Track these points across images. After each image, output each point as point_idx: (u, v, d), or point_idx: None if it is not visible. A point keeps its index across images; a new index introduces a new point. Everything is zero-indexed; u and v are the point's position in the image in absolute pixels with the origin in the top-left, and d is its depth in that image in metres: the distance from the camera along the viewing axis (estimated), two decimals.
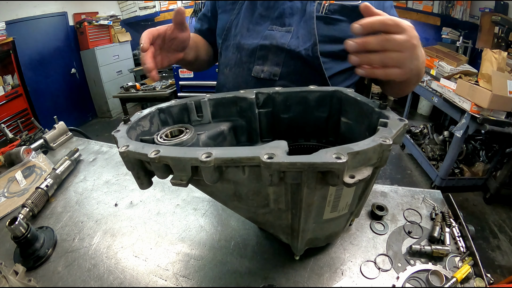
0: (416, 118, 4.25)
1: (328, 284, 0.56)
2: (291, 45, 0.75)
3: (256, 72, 0.79)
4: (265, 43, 0.78)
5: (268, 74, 0.78)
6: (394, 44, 0.47)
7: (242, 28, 0.83)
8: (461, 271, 0.53)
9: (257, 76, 0.79)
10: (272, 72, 0.77)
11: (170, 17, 4.97)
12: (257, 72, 0.79)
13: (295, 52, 0.75)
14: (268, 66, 0.78)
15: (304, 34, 0.76)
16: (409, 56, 0.49)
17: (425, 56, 0.59)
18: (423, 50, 0.56)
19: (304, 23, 0.76)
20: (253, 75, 0.79)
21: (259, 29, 0.81)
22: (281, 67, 0.77)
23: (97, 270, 0.62)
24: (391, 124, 0.43)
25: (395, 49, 0.48)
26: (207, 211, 0.77)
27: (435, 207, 0.70)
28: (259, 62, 0.79)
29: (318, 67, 0.75)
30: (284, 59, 0.77)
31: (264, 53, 0.78)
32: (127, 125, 0.52)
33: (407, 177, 2.97)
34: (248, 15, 0.83)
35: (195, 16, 4.16)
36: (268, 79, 0.78)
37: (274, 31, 0.78)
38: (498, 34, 3.19)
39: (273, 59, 0.77)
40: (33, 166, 0.99)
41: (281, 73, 0.77)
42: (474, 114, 2.15)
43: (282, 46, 0.76)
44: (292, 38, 0.76)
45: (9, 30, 3.48)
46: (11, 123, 3.22)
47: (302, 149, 0.68)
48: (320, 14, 0.75)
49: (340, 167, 0.33)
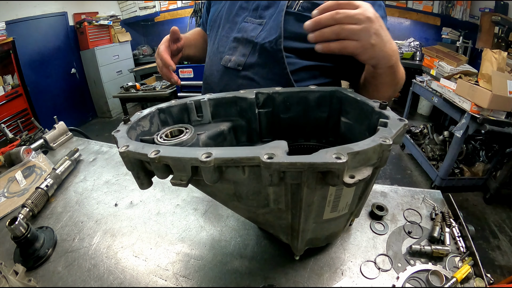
0: (416, 118, 4.25)
1: (328, 284, 0.56)
2: (259, 37, 0.77)
3: (224, 61, 0.82)
4: (237, 36, 0.81)
5: (234, 64, 0.80)
6: (346, 16, 0.49)
7: (225, 20, 0.87)
8: (461, 271, 0.53)
9: (225, 65, 0.82)
10: (237, 62, 0.80)
11: (170, 17, 4.95)
12: (225, 61, 0.82)
13: (260, 45, 0.77)
14: (236, 56, 0.81)
15: (272, 26, 0.76)
16: (365, 28, 0.50)
17: (395, 44, 0.60)
18: (389, 34, 0.57)
19: (275, 16, 0.77)
20: (222, 64, 0.83)
21: (237, 20, 0.84)
22: (246, 58, 0.79)
23: (97, 270, 0.62)
24: (391, 124, 0.43)
25: (348, 22, 0.49)
26: (207, 211, 0.77)
27: (435, 207, 0.70)
28: (230, 52, 0.82)
29: (280, 60, 0.75)
30: (251, 50, 0.79)
31: (235, 45, 0.82)
32: (127, 125, 0.52)
33: (407, 177, 2.96)
34: (231, 7, 0.87)
35: (195, 16, 4.16)
36: (233, 69, 0.81)
37: (248, 24, 0.81)
38: (498, 34, 3.19)
39: (241, 51, 0.80)
40: (33, 166, 0.99)
41: (245, 63, 0.79)
42: (474, 114, 2.15)
43: (251, 39, 0.78)
44: (262, 31, 0.78)
45: (9, 30, 3.48)
46: (11, 123, 3.22)
47: (302, 149, 0.68)
48: (293, 10, 0.75)
49: (340, 167, 0.33)
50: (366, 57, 0.56)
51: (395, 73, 0.66)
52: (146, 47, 5.62)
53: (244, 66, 0.79)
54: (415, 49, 4.07)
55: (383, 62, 0.60)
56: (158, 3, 5.11)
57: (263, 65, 0.78)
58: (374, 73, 0.66)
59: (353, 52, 0.53)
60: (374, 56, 0.56)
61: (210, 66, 0.90)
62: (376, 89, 0.72)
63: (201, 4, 3.97)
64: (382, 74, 0.65)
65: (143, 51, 5.55)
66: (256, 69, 0.79)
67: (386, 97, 0.74)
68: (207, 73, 0.91)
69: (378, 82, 0.69)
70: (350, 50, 0.52)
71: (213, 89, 0.86)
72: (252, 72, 0.79)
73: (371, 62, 0.60)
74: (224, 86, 0.82)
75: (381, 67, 0.61)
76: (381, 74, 0.65)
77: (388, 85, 0.70)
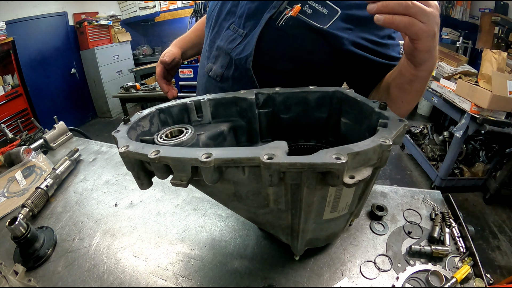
0: (416, 118, 4.25)
1: (328, 284, 0.56)
2: (234, 51, 0.74)
3: (207, 69, 0.83)
4: (219, 44, 0.80)
5: (214, 74, 0.81)
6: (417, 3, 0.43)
7: (214, 22, 0.85)
8: (460, 272, 0.53)
9: (207, 73, 0.83)
10: (216, 73, 0.80)
11: (170, 17, 4.95)
12: (208, 69, 0.83)
13: (233, 59, 0.75)
14: (216, 66, 0.81)
15: (248, 42, 0.72)
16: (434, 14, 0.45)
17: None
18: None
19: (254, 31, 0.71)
20: (205, 71, 0.84)
21: (224, 25, 0.81)
22: (224, 70, 0.79)
23: (97, 270, 0.62)
24: (391, 125, 0.43)
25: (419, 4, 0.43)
26: (207, 211, 0.77)
27: (435, 208, 0.71)
28: (212, 60, 0.83)
29: (250, 79, 0.74)
30: (228, 63, 0.78)
31: (217, 53, 0.81)
32: (127, 125, 0.52)
33: (407, 178, 2.97)
34: (221, 8, 0.84)
35: (195, 16, 4.16)
36: (213, 78, 0.81)
37: (230, 32, 0.78)
38: (498, 34, 3.19)
39: (221, 61, 0.80)
40: (33, 166, 0.99)
41: (223, 75, 0.79)
42: (474, 115, 2.15)
43: (227, 51, 0.77)
44: (239, 44, 0.74)
45: (9, 30, 3.48)
46: (11, 123, 3.22)
47: (302, 150, 0.68)
48: (276, 25, 0.68)
49: (340, 167, 0.33)
50: (424, 46, 0.49)
51: (427, 81, 0.61)
52: (146, 47, 5.62)
53: (222, 78, 0.79)
54: None
55: (432, 62, 0.54)
56: (158, 3, 5.11)
57: (237, 79, 0.77)
58: (413, 75, 0.58)
59: (418, 33, 0.46)
60: (430, 49, 0.50)
61: (200, 68, 0.90)
62: (406, 98, 0.65)
63: (201, 4, 3.97)
64: (421, 78, 0.59)
65: (143, 51, 5.56)
66: (231, 83, 0.78)
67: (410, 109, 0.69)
68: (199, 73, 0.92)
69: (413, 89, 0.62)
70: (415, 30, 0.45)
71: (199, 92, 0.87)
72: (227, 85, 0.79)
73: (423, 56, 0.52)
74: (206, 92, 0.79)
75: (426, 68, 0.55)
76: (421, 78, 0.58)
77: (419, 94, 0.64)
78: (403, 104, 0.66)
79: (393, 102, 0.65)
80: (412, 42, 0.49)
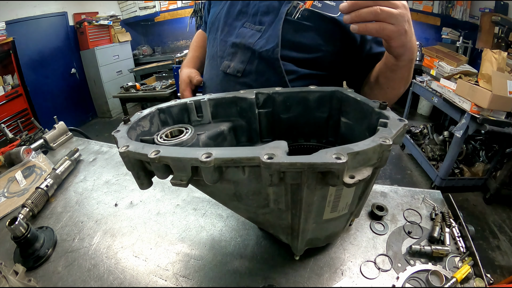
0: (416, 118, 4.25)
1: (328, 284, 0.56)
2: (257, 45, 0.77)
3: (224, 67, 0.83)
4: (236, 41, 0.81)
5: (233, 70, 0.81)
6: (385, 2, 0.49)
7: (223, 23, 0.86)
8: (461, 271, 0.53)
9: (224, 71, 0.82)
10: (236, 69, 0.80)
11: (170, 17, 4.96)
12: (225, 67, 0.83)
13: (259, 52, 0.77)
14: (235, 62, 0.81)
15: (270, 35, 0.76)
16: (402, 14, 0.51)
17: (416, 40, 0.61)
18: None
19: (274, 24, 0.77)
20: (221, 69, 0.83)
21: (236, 24, 0.83)
22: (245, 65, 0.79)
23: (97, 270, 0.62)
24: (391, 124, 0.43)
25: (386, 4, 0.49)
26: (207, 211, 0.77)
27: (435, 207, 0.71)
28: (229, 58, 0.82)
29: (278, 69, 0.76)
30: (250, 57, 0.79)
31: (234, 50, 0.82)
32: (127, 125, 0.52)
33: (407, 177, 2.96)
34: (230, 10, 0.86)
35: (195, 16, 4.16)
36: (232, 75, 0.81)
37: (247, 29, 0.81)
38: (498, 34, 3.18)
39: (240, 57, 0.80)
40: (33, 166, 0.99)
41: (244, 70, 0.80)
42: (474, 114, 2.15)
43: (249, 46, 0.78)
44: (260, 38, 0.78)
45: (9, 30, 3.48)
46: (11, 123, 3.22)
47: (302, 149, 0.68)
48: (292, 18, 0.74)
49: (340, 167, 0.33)
50: (397, 43, 0.56)
51: (411, 69, 0.67)
52: (146, 47, 5.62)
53: (244, 73, 0.80)
54: None
55: (409, 53, 0.60)
56: (158, 3, 5.11)
57: (262, 72, 0.78)
58: (395, 65, 0.65)
59: (389, 35, 0.52)
60: (404, 44, 0.56)
61: (209, 70, 0.89)
62: (391, 84, 0.72)
63: (201, 4, 3.97)
64: (403, 67, 0.65)
65: (143, 51, 5.55)
66: (254, 76, 0.79)
67: (398, 94, 0.75)
68: (206, 77, 0.91)
69: (396, 77, 0.69)
70: (386, 33, 0.52)
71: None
72: (250, 79, 0.79)
73: (398, 51, 0.59)
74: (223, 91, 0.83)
75: (404, 59, 0.62)
76: (402, 67, 0.65)
77: (404, 81, 0.71)
78: (389, 90, 0.74)
79: (381, 89, 0.75)
80: (386, 41, 0.57)
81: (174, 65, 3.51)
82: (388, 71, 0.70)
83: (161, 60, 5.05)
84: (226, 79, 0.83)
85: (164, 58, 5.13)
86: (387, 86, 0.73)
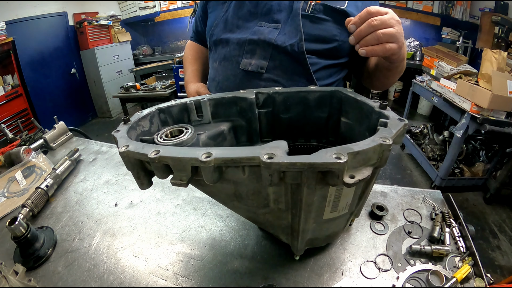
0: (416, 118, 4.25)
1: (328, 284, 0.56)
2: (278, 40, 0.78)
3: (244, 65, 0.82)
4: (253, 38, 0.81)
5: (255, 67, 0.81)
6: (382, 23, 0.56)
7: (231, 24, 0.86)
8: (461, 271, 0.53)
9: (244, 69, 0.82)
10: (259, 65, 0.80)
11: (170, 17, 4.94)
12: (245, 65, 0.82)
13: (282, 47, 0.78)
14: (256, 59, 0.81)
15: (290, 30, 0.79)
16: (399, 31, 0.58)
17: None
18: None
19: (291, 20, 0.79)
20: (241, 68, 0.82)
21: (248, 25, 0.84)
22: (268, 61, 0.80)
23: (97, 270, 0.62)
24: (391, 124, 0.43)
25: (384, 26, 0.57)
26: (207, 211, 0.77)
27: (435, 207, 0.71)
28: (247, 55, 0.82)
29: (303, 62, 0.79)
30: (272, 53, 0.80)
31: (252, 47, 0.81)
32: (127, 125, 0.52)
33: (407, 177, 2.96)
34: (237, 12, 0.86)
35: (195, 16, 4.16)
36: (255, 72, 0.81)
37: (263, 27, 0.81)
38: (498, 34, 3.19)
39: (260, 53, 0.80)
40: (33, 166, 0.99)
41: (267, 66, 0.80)
42: (474, 114, 2.15)
43: (269, 41, 0.79)
44: (280, 34, 0.79)
45: (9, 30, 3.47)
46: (11, 123, 3.21)
47: (302, 149, 0.68)
48: (306, 12, 0.79)
49: (340, 167, 0.33)
50: (396, 56, 0.65)
51: (403, 62, 0.75)
52: (146, 47, 5.62)
53: (267, 68, 0.80)
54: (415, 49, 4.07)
55: (400, 57, 0.68)
56: (158, 3, 5.11)
57: (286, 67, 0.80)
58: (389, 66, 0.74)
59: (392, 52, 0.59)
60: (401, 54, 0.65)
61: (223, 72, 0.87)
62: (387, 76, 0.82)
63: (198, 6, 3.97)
64: (397, 67, 0.75)
65: (143, 51, 5.55)
66: (279, 71, 0.80)
67: (393, 82, 0.86)
68: (220, 78, 0.88)
69: (390, 73, 0.80)
70: (391, 51, 0.59)
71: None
72: (275, 74, 0.80)
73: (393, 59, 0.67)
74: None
75: (398, 61, 0.69)
76: (396, 67, 0.75)
77: (398, 73, 0.80)
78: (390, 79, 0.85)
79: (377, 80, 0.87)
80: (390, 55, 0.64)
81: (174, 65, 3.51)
82: (384, 69, 0.79)
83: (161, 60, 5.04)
84: (247, 77, 0.82)
85: (164, 58, 5.12)
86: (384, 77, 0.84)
